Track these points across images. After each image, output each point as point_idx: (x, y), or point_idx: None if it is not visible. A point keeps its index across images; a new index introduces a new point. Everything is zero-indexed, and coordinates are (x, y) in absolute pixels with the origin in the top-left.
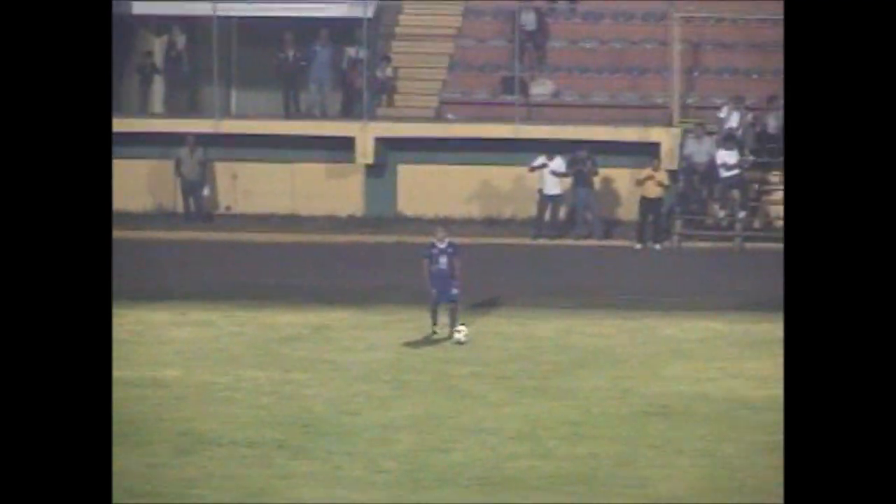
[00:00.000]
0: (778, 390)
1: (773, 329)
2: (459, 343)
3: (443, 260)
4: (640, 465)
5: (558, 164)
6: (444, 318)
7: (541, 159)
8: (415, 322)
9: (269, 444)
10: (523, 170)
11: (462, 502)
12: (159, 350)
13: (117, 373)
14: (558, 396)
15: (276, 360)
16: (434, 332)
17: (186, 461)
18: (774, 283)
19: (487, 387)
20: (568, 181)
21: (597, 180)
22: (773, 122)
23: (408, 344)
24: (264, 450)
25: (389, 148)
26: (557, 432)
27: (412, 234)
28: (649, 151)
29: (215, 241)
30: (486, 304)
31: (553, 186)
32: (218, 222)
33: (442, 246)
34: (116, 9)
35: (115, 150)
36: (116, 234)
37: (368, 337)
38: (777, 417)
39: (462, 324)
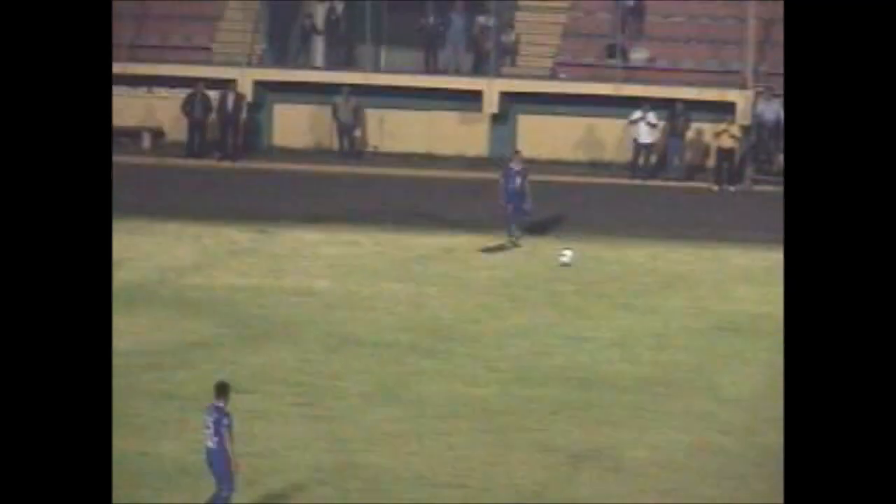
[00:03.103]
0: None
1: None
2: (565, 265)
3: (517, 180)
4: (711, 372)
5: (652, 117)
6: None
7: (637, 113)
8: (529, 247)
9: (403, 346)
10: (622, 122)
11: (564, 398)
12: (313, 264)
13: (276, 282)
14: (645, 312)
15: (411, 276)
16: (511, 241)
17: (333, 357)
18: None
19: (587, 302)
20: (658, 131)
21: (688, 133)
22: None
23: (521, 265)
24: (399, 350)
25: (511, 101)
26: (644, 342)
27: (530, 174)
28: (726, 110)
29: (364, 175)
30: (588, 233)
31: (647, 136)
32: (366, 159)
33: (517, 168)
34: None
35: (282, 96)
36: (279, 166)
37: (489, 258)
38: None
39: (567, 248)
